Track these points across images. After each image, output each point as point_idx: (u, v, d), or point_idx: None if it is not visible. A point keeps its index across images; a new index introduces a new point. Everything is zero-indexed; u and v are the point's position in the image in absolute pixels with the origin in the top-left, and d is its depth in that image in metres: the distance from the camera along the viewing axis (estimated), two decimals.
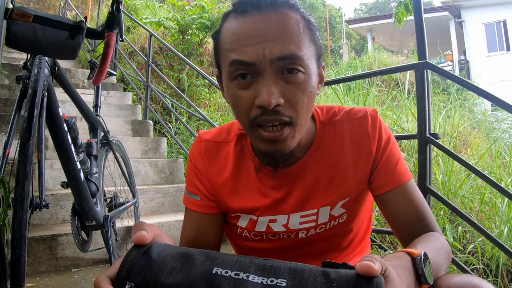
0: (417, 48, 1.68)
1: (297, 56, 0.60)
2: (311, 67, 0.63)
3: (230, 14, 0.65)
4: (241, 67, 0.61)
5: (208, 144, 0.80)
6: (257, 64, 0.60)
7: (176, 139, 3.49)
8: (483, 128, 4.79)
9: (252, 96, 0.62)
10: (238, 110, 0.65)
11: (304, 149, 0.74)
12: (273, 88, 0.60)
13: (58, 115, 1.32)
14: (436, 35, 10.33)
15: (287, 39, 0.60)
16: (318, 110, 0.78)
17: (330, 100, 4.27)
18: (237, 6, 0.64)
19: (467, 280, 0.56)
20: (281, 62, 0.60)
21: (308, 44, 0.63)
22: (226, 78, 0.66)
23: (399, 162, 0.74)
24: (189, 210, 0.81)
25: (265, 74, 0.60)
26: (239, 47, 0.61)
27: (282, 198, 0.75)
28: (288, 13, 0.62)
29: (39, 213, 2.00)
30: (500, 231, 2.14)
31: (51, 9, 8.51)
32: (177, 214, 2.54)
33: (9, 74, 3.87)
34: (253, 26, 0.61)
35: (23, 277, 0.99)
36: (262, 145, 0.65)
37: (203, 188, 0.79)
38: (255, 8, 0.62)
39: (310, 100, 0.64)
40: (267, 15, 0.61)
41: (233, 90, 0.64)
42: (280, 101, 0.60)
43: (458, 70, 11.84)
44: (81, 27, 1.19)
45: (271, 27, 0.60)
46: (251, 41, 0.60)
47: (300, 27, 0.62)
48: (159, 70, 4.47)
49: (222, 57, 0.66)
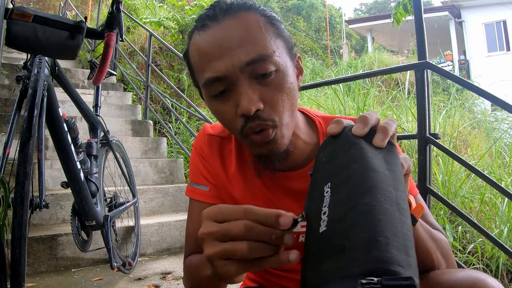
0: (417, 48, 1.68)
1: (265, 55, 0.60)
2: (284, 63, 0.62)
3: (194, 32, 0.65)
4: (216, 85, 0.61)
5: (212, 138, 0.79)
6: (229, 76, 0.59)
7: (176, 139, 3.50)
8: (483, 128, 4.79)
9: (233, 107, 0.61)
10: (225, 124, 0.66)
11: (305, 156, 0.73)
12: (250, 94, 0.59)
13: (58, 115, 1.33)
14: (436, 35, 10.34)
15: (251, 42, 0.59)
16: (321, 121, 0.77)
17: (330, 100, 4.26)
18: (197, 22, 0.64)
19: (472, 275, 0.56)
20: (252, 67, 0.59)
21: (274, 41, 0.62)
22: (205, 97, 0.66)
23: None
24: (196, 202, 0.78)
25: (239, 83, 0.60)
26: (207, 63, 0.61)
27: (282, 201, 0.75)
28: (247, 16, 0.62)
29: (39, 213, 2.00)
30: (500, 231, 2.14)
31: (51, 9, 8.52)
32: (177, 214, 2.54)
33: (9, 74, 3.87)
34: (215, 38, 0.60)
35: (23, 277, 0.99)
36: (255, 149, 0.66)
37: (211, 178, 0.78)
38: (213, 19, 0.61)
39: (290, 96, 0.63)
40: (226, 23, 0.61)
41: (214, 107, 0.64)
42: (260, 105, 0.59)
43: (458, 70, 11.84)
44: (81, 27, 1.19)
45: (232, 35, 0.60)
46: (217, 53, 0.60)
47: (262, 26, 0.61)
48: (159, 70, 4.47)
49: (197, 77, 0.66)
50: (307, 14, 21.81)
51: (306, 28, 21.25)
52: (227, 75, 0.59)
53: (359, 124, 0.48)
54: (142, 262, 2.01)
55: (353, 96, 4.23)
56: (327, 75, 6.50)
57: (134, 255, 1.91)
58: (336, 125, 0.50)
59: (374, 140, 0.46)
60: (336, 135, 0.49)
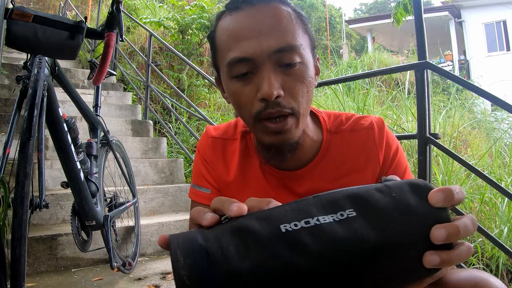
0: (417, 48, 1.68)
1: (294, 46, 0.61)
2: (308, 57, 0.64)
3: (224, 13, 0.66)
4: (240, 65, 0.62)
5: (215, 140, 0.79)
6: (255, 59, 0.60)
7: (176, 139, 3.50)
8: (483, 128, 4.79)
9: (253, 90, 0.62)
10: (241, 107, 0.65)
11: (311, 155, 0.73)
12: (273, 80, 0.60)
13: (58, 115, 1.33)
14: (436, 35, 10.34)
15: (282, 31, 0.61)
16: (325, 118, 0.77)
17: (330, 100, 4.26)
18: (229, 4, 0.65)
19: (475, 275, 0.56)
20: (279, 55, 0.60)
21: (302, 35, 0.64)
22: (225, 77, 0.66)
23: (407, 172, 0.75)
24: (198, 204, 0.78)
25: (263, 68, 0.61)
26: (236, 43, 0.61)
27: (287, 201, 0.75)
28: (280, 6, 0.63)
29: (39, 213, 2.00)
30: (500, 231, 2.14)
31: (51, 9, 8.51)
32: (177, 214, 2.54)
33: (9, 74, 3.87)
34: (248, 20, 0.62)
35: (23, 277, 0.99)
36: (267, 138, 0.65)
37: (213, 181, 0.78)
38: (248, 3, 0.63)
39: (309, 89, 0.64)
40: (260, 8, 0.62)
41: (233, 87, 0.64)
42: (281, 92, 0.60)
43: (458, 70, 11.84)
44: (81, 27, 1.19)
45: (265, 20, 0.61)
46: (247, 35, 0.61)
47: (293, 19, 0.63)
48: (159, 70, 4.47)
49: (220, 57, 0.66)
50: (307, 14, 21.48)
51: None
52: (254, 57, 0.60)
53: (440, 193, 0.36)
54: (142, 262, 2.01)
55: (353, 96, 4.23)
56: (327, 75, 6.50)
57: (134, 255, 1.91)
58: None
59: (434, 232, 0.35)
60: None
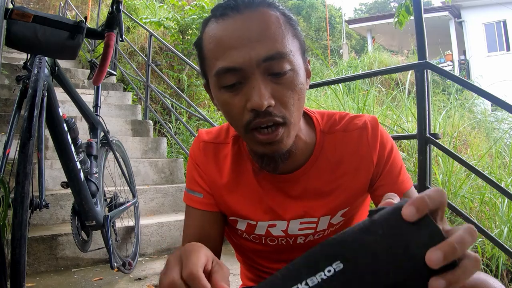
0: (417, 48, 1.68)
1: (284, 53, 0.59)
2: (298, 63, 0.63)
3: (210, 20, 0.64)
4: (228, 75, 0.60)
5: (206, 145, 0.79)
6: (244, 68, 0.59)
7: (176, 139, 3.50)
8: (483, 128, 4.79)
9: (242, 101, 0.61)
10: (231, 117, 0.64)
11: (304, 157, 0.73)
12: (263, 90, 0.58)
13: (58, 115, 1.33)
14: (436, 35, 10.33)
15: (270, 38, 0.59)
16: (318, 118, 0.76)
17: (330, 100, 4.26)
18: (215, 10, 0.63)
19: (474, 277, 0.56)
20: (269, 63, 0.59)
21: (291, 40, 0.62)
22: (214, 86, 0.64)
23: (402, 171, 0.74)
24: (192, 208, 0.79)
25: (253, 77, 0.59)
26: (223, 52, 0.60)
27: (282, 204, 0.75)
28: (268, 12, 0.61)
29: (39, 213, 2.00)
30: (500, 231, 2.14)
31: (51, 9, 8.51)
32: (177, 214, 2.55)
33: (9, 74, 3.87)
34: (235, 28, 0.59)
35: (23, 277, 1.00)
36: (259, 148, 0.65)
37: (205, 186, 0.78)
38: (234, 10, 0.60)
39: (301, 96, 0.63)
40: (247, 15, 0.60)
41: (222, 98, 0.63)
42: (271, 102, 0.59)
43: (458, 70, 11.84)
44: (81, 27, 1.19)
45: (253, 27, 0.59)
46: (234, 44, 0.59)
47: (281, 24, 0.61)
48: (159, 70, 4.47)
49: (208, 65, 0.64)
50: (307, 14, 21.81)
51: (306, 28, 21.24)
52: (243, 67, 0.59)
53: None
54: (142, 262, 2.01)
55: (353, 96, 4.23)
56: (327, 75, 6.50)
57: (134, 255, 1.91)
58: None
59: (430, 257, 0.34)
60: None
